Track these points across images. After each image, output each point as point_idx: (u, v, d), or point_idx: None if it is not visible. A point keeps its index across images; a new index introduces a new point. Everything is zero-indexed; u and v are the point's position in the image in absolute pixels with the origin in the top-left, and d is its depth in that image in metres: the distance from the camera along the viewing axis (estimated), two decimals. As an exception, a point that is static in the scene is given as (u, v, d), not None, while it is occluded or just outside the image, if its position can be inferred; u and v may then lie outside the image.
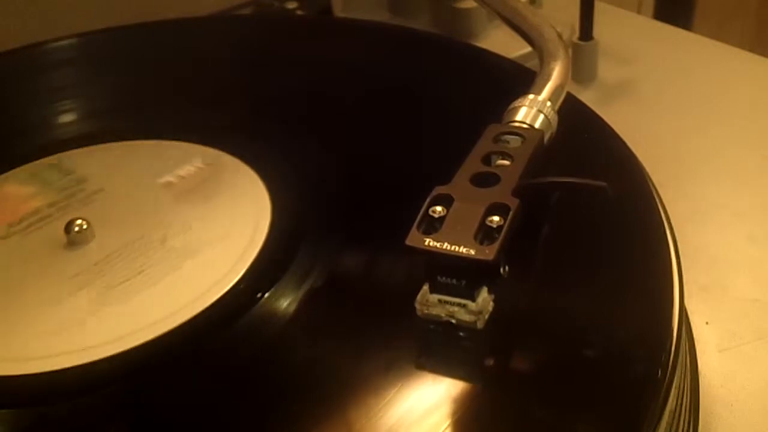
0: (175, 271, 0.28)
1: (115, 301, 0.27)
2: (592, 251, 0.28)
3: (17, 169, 0.35)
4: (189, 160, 0.34)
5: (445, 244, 0.23)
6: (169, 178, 0.33)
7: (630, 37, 0.51)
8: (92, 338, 0.26)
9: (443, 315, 0.24)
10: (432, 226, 0.24)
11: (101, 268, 0.29)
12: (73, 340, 0.26)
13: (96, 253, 0.30)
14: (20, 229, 0.31)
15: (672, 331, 0.24)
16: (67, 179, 0.34)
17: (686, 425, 0.26)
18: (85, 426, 0.24)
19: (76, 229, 0.30)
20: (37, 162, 0.35)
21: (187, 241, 0.30)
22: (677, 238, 0.27)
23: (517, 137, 0.27)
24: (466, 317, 0.24)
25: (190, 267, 0.28)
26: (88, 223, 0.30)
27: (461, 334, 0.24)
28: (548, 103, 0.29)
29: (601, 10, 0.46)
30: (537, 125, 0.28)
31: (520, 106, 0.29)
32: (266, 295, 0.27)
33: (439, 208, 0.24)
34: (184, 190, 0.32)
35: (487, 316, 0.24)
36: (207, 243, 0.29)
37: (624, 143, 0.32)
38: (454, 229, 0.24)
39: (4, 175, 0.34)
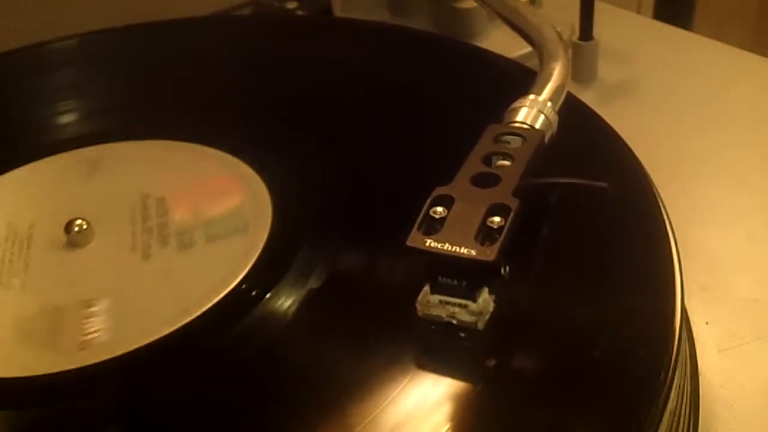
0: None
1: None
2: (592, 251, 0.28)
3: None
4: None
5: (446, 244, 0.23)
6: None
7: (630, 37, 0.51)
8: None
9: (444, 315, 0.24)
10: (432, 227, 0.24)
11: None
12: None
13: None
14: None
15: (672, 331, 0.24)
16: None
17: (686, 425, 0.26)
18: (85, 426, 0.24)
19: (76, 229, 0.30)
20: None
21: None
22: (677, 238, 0.27)
23: (517, 137, 0.27)
24: (467, 318, 0.24)
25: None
26: (88, 224, 0.30)
27: (462, 334, 0.24)
28: (549, 104, 0.29)
29: (601, 10, 0.46)
30: (537, 126, 0.28)
31: (520, 107, 0.29)
32: (267, 296, 0.27)
33: (439, 209, 0.24)
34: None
35: (487, 317, 0.24)
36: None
37: (624, 143, 0.32)
38: (455, 230, 0.24)
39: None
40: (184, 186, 0.32)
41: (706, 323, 0.32)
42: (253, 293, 0.27)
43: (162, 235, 0.30)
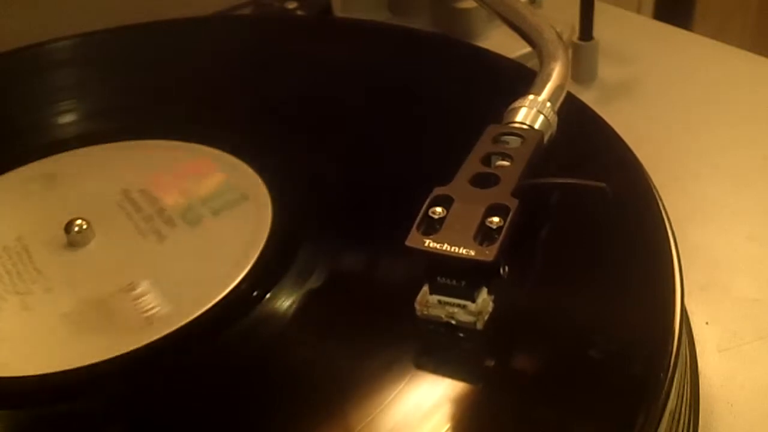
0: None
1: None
2: (592, 251, 0.28)
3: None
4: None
5: (445, 245, 0.23)
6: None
7: (630, 37, 0.51)
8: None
9: (443, 316, 0.24)
10: (432, 227, 0.24)
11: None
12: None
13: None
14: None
15: (672, 331, 0.24)
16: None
17: (686, 425, 0.26)
18: (85, 427, 0.24)
19: (76, 229, 0.30)
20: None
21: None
22: (677, 238, 0.27)
23: (516, 138, 0.27)
24: (466, 318, 0.24)
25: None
26: (88, 223, 0.30)
27: (461, 334, 0.24)
28: (548, 104, 0.29)
29: (601, 10, 0.46)
30: (537, 126, 0.28)
31: (519, 107, 0.29)
32: (267, 295, 0.27)
33: (438, 209, 0.24)
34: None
35: (486, 317, 0.24)
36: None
37: (624, 143, 0.32)
38: (454, 230, 0.24)
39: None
40: (179, 179, 0.33)
41: (706, 323, 0.32)
42: (253, 293, 0.27)
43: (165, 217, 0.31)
